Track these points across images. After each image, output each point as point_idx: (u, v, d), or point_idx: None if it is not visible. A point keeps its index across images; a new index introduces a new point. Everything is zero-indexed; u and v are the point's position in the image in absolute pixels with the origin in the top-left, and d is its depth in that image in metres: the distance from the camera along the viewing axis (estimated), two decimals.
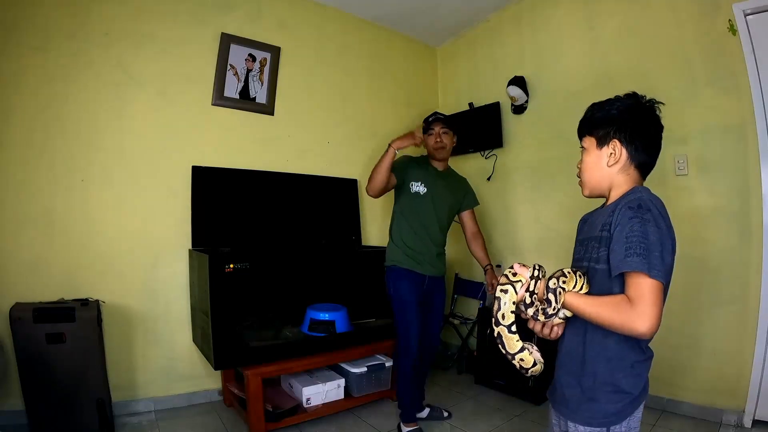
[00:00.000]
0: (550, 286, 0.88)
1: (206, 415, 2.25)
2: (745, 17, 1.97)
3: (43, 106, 2.05)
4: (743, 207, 2.02)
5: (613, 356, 0.91)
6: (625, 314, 0.81)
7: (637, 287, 0.82)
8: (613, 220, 0.90)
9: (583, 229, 1.08)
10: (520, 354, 0.91)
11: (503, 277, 0.91)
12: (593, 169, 1.01)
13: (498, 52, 3.11)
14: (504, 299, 0.89)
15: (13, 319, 1.79)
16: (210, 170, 2.39)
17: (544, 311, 0.88)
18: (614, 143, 0.97)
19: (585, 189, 1.04)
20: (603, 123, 1.00)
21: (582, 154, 1.04)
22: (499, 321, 0.89)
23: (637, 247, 0.83)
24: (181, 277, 2.36)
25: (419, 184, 2.16)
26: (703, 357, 2.11)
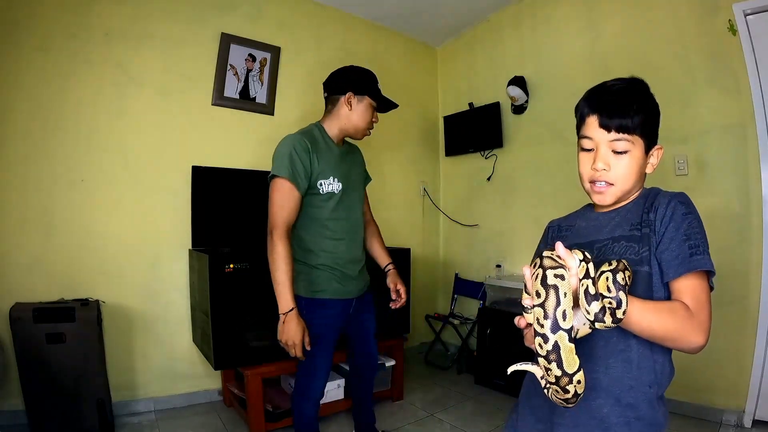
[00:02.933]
0: (619, 281, 0.61)
1: (206, 415, 2.25)
2: (745, 17, 1.97)
3: (43, 106, 2.04)
4: (743, 207, 2.02)
5: (658, 380, 0.77)
6: (684, 324, 0.69)
7: (697, 291, 0.72)
8: (657, 216, 0.77)
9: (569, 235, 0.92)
10: (578, 374, 0.60)
11: (547, 259, 0.62)
12: (637, 175, 0.81)
13: (498, 52, 3.11)
14: (563, 288, 0.59)
15: (13, 319, 1.79)
16: (210, 170, 2.39)
17: (613, 313, 0.61)
18: (660, 150, 0.83)
19: (613, 197, 0.82)
20: (655, 123, 0.82)
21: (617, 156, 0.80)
22: (559, 323, 0.59)
23: (703, 245, 0.73)
24: (181, 277, 2.36)
25: (331, 181, 1.56)
26: (703, 357, 2.09)
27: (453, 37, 3.47)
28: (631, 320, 0.67)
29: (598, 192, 0.83)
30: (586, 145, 0.83)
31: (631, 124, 0.78)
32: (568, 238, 0.91)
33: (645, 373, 0.75)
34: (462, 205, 3.41)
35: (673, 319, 0.69)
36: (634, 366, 0.75)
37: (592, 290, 0.61)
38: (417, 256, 3.09)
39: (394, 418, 2.23)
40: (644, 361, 0.75)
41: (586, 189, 0.86)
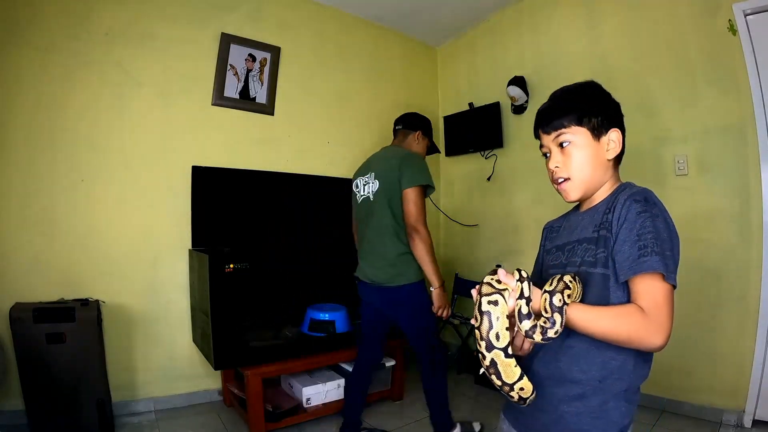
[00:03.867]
0: (555, 303, 0.69)
1: (206, 415, 2.25)
2: (745, 17, 1.97)
3: (44, 106, 2.05)
4: (743, 207, 2.02)
5: (609, 376, 0.76)
6: (639, 327, 0.70)
7: (652, 293, 0.71)
8: (614, 216, 0.77)
9: (556, 236, 0.95)
10: (519, 382, 0.69)
11: (486, 286, 0.69)
12: (593, 165, 0.84)
13: (498, 52, 3.11)
14: (495, 313, 0.67)
15: (13, 319, 1.79)
16: (210, 170, 2.39)
17: (544, 332, 0.68)
18: (615, 133, 0.84)
19: (576, 191, 0.86)
20: (592, 110, 0.84)
21: (564, 150, 0.85)
22: (493, 344, 0.66)
23: (653, 245, 0.71)
24: (181, 277, 2.36)
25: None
26: (703, 357, 2.11)
27: (453, 37, 3.47)
28: (578, 325, 0.71)
29: (561, 189, 0.89)
30: (543, 152, 0.92)
31: (565, 119, 0.85)
32: (557, 238, 0.95)
33: (594, 368, 0.77)
34: (462, 205, 3.41)
35: (627, 323, 0.70)
36: (581, 361, 0.78)
37: (525, 310, 0.69)
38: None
39: (394, 418, 2.23)
40: (591, 357, 0.77)
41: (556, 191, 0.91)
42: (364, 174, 1.98)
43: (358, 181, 2.01)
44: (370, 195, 1.92)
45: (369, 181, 1.93)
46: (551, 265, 0.91)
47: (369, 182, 1.93)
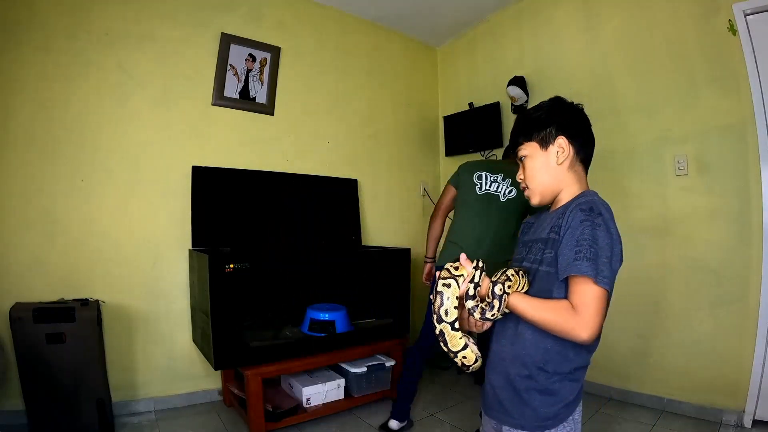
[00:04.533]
0: (496, 291, 0.84)
1: (206, 415, 2.25)
2: (745, 17, 1.97)
3: (44, 106, 2.05)
4: (743, 207, 2.02)
5: (551, 360, 0.88)
6: (568, 320, 0.81)
7: (581, 294, 0.81)
8: (563, 222, 0.88)
9: (527, 231, 1.06)
10: (463, 351, 0.87)
11: (445, 271, 0.87)
12: (543, 172, 0.97)
13: (498, 52, 3.11)
14: (447, 294, 0.85)
15: (13, 319, 1.79)
16: (210, 170, 2.39)
17: (483, 312, 0.84)
18: (561, 140, 0.95)
19: (534, 196, 0.99)
20: (541, 125, 0.97)
21: (523, 164, 1.00)
22: (442, 317, 0.84)
23: (587, 251, 0.81)
24: (181, 277, 2.36)
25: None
26: (703, 357, 2.11)
27: (453, 37, 3.47)
28: (519, 312, 0.86)
29: (525, 195, 1.02)
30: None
31: (520, 137, 1.00)
32: (527, 234, 1.06)
33: (537, 352, 0.89)
34: None
35: (558, 315, 0.82)
36: (527, 345, 0.90)
37: (471, 293, 0.85)
38: (417, 256, 3.08)
39: None
40: (536, 343, 0.89)
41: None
42: (494, 173, 2.08)
43: (483, 175, 2.09)
44: (500, 195, 2.07)
45: (500, 183, 2.08)
46: (515, 258, 1.04)
47: (500, 183, 2.08)
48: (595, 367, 2.62)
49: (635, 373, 2.35)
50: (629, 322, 2.39)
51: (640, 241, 2.35)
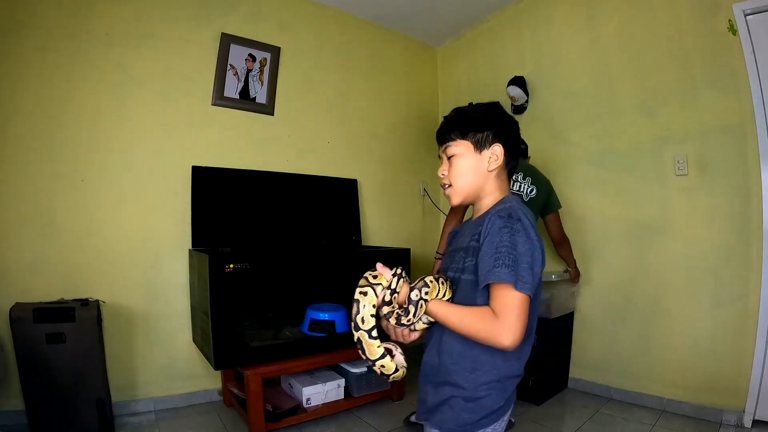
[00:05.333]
0: (412, 297, 0.84)
1: (206, 415, 2.25)
2: (745, 17, 1.97)
3: (44, 106, 2.05)
4: (743, 207, 2.02)
5: (479, 368, 0.87)
6: (489, 326, 0.79)
7: (502, 299, 0.80)
8: (483, 229, 0.87)
9: (452, 240, 1.04)
10: (381, 360, 0.85)
11: (363, 279, 0.86)
12: (472, 174, 0.94)
13: (498, 52, 3.11)
14: (363, 302, 0.83)
15: (13, 319, 1.79)
16: (210, 170, 2.39)
17: (398, 318, 0.84)
18: (497, 147, 0.94)
19: (456, 196, 0.97)
20: (479, 127, 0.94)
21: (451, 159, 0.96)
22: (359, 325, 0.83)
23: (506, 258, 0.81)
24: (181, 277, 2.36)
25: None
26: (703, 357, 2.11)
27: (453, 37, 3.47)
28: (440, 319, 0.86)
29: (446, 194, 0.99)
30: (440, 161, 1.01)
31: (453, 133, 0.95)
32: (451, 244, 1.05)
33: (465, 361, 0.88)
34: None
35: (479, 321, 0.81)
36: (454, 354, 0.89)
37: (387, 299, 0.84)
38: (417, 256, 3.09)
39: (394, 418, 2.23)
40: (464, 353, 0.88)
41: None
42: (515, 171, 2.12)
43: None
44: (523, 195, 2.15)
45: (522, 182, 2.15)
46: (442, 268, 1.04)
47: (522, 182, 2.15)
48: (595, 367, 2.63)
49: (635, 373, 2.35)
50: (629, 322, 2.39)
51: (640, 241, 2.35)
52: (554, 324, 2.44)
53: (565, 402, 2.46)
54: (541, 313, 2.42)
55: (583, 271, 2.57)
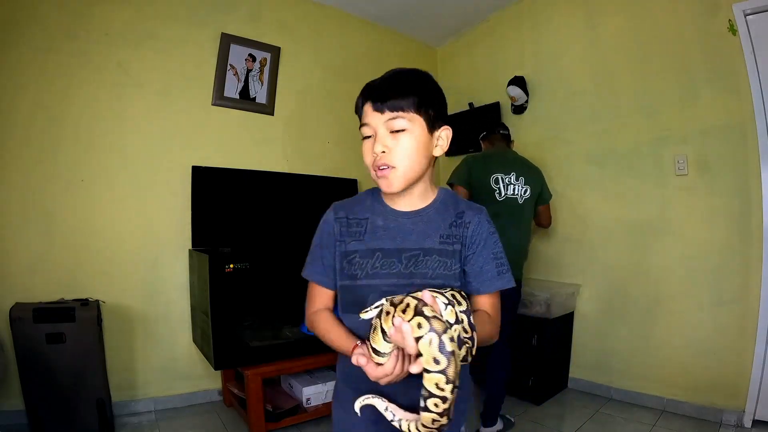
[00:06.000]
0: (473, 322, 0.69)
1: (206, 415, 2.25)
2: (745, 17, 1.97)
3: (44, 106, 2.04)
4: (743, 207, 2.02)
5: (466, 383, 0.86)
6: (491, 330, 0.80)
7: (496, 302, 0.83)
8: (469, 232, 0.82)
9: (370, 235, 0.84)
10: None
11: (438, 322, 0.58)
12: (421, 156, 0.79)
13: (498, 52, 3.11)
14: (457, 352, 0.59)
15: (13, 319, 1.79)
16: (210, 170, 2.39)
17: (470, 351, 0.67)
18: (448, 131, 0.83)
19: (399, 182, 0.79)
20: (437, 103, 0.81)
21: (397, 134, 0.78)
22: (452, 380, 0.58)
23: (505, 263, 0.84)
24: (181, 277, 2.36)
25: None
26: (703, 357, 2.11)
27: (453, 37, 3.47)
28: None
29: (382, 177, 0.80)
30: (366, 132, 0.81)
31: (405, 102, 0.77)
32: (366, 239, 0.84)
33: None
34: None
35: (489, 327, 0.80)
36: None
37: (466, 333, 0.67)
38: None
39: None
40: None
41: (373, 178, 0.82)
42: (506, 173, 2.05)
43: (499, 178, 2.05)
44: (518, 198, 2.06)
45: (515, 184, 2.06)
46: (381, 273, 0.81)
47: (515, 185, 2.06)
48: (595, 367, 2.62)
49: (635, 373, 2.35)
50: (629, 321, 2.39)
51: (640, 241, 2.35)
52: (554, 324, 2.44)
53: (565, 402, 2.46)
54: (542, 313, 2.43)
55: (583, 270, 2.57)
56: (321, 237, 0.90)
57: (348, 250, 0.85)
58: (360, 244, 0.84)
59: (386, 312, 0.64)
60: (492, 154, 2.16)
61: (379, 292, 0.80)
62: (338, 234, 0.87)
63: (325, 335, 0.84)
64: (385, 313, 0.64)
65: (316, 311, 0.88)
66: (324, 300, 0.89)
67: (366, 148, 0.81)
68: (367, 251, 0.83)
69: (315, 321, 0.87)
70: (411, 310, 0.60)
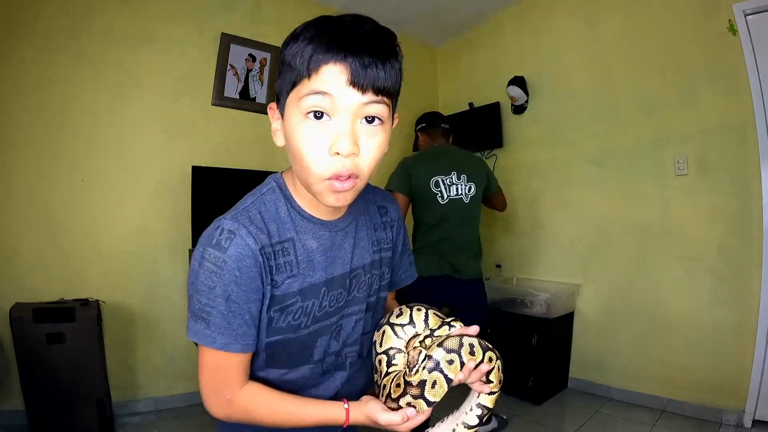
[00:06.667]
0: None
1: (206, 415, 2.21)
2: (745, 17, 1.97)
3: (44, 106, 2.04)
4: (743, 207, 2.02)
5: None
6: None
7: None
8: (394, 232, 0.74)
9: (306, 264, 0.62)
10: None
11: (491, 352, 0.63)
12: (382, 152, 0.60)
13: (498, 52, 3.11)
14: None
15: (13, 319, 1.79)
16: (210, 170, 2.39)
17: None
18: (396, 119, 0.64)
19: (353, 196, 0.59)
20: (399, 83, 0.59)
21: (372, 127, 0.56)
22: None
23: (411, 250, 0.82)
24: (181, 277, 2.36)
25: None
26: (703, 357, 2.11)
27: (453, 37, 3.47)
28: None
29: (340, 191, 0.56)
30: (320, 105, 0.53)
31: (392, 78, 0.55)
32: (304, 272, 0.61)
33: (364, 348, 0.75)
34: None
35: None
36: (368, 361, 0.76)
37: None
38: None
39: None
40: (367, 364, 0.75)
41: (317, 188, 0.57)
42: (446, 174, 1.95)
43: (440, 180, 1.95)
44: (463, 197, 1.97)
45: (457, 183, 1.96)
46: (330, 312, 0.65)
47: (458, 184, 1.96)
48: (595, 367, 2.62)
49: (635, 373, 2.35)
50: (629, 321, 2.39)
51: (640, 241, 2.35)
52: (554, 324, 2.44)
53: (564, 402, 2.46)
54: (542, 313, 2.43)
55: (583, 270, 2.57)
56: (234, 282, 0.57)
57: (280, 293, 0.60)
58: (296, 281, 0.60)
59: (448, 361, 0.57)
60: (430, 154, 2.04)
61: (328, 333, 0.65)
62: (267, 272, 0.59)
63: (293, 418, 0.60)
64: (447, 362, 0.57)
65: (244, 393, 0.61)
66: (246, 369, 0.61)
67: (313, 136, 0.53)
68: (309, 289, 0.61)
69: (253, 406, 0.61)
70: (478, 348, 0.61)
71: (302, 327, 0.62)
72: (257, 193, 0.66)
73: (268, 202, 0.64)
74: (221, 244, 0.58)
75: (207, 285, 0.57)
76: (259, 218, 0.61)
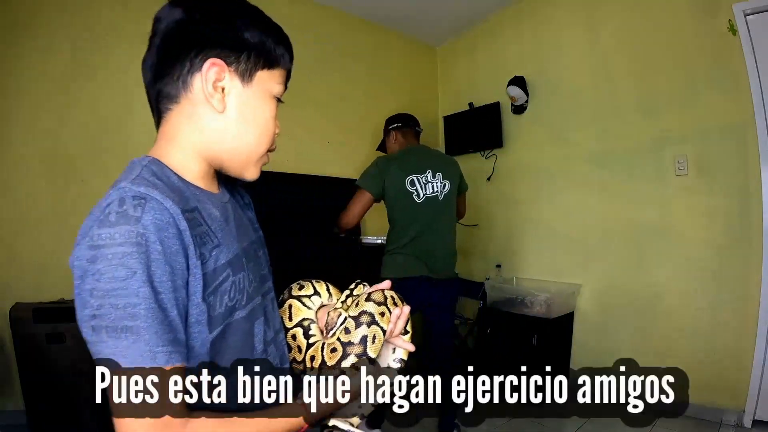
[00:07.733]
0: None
1: None
2: (745, 17, 1.97)
3: (44, 107, 2.04)
4: (743, 207, 2.02)
5: None
6: None
7: None
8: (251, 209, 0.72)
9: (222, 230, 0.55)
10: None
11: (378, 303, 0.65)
12: None
13: (498, 52, 3.11)
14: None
15: (13, 319, 1.79)
16: None
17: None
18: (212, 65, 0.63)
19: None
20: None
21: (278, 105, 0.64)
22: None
23: None
24: None
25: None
26: (703, 357, 2.11)
27: (453, 37, 3.47)
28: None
29: (261, 163, 0.65)
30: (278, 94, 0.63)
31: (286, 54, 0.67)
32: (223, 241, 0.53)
33: None
34: None
35: None
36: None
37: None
38: None
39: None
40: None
41: (257, 159, 0.64)
42: (421, 173, 1.95)
43: (415, 179, 1.95)
44: (438, 194, 1.97)
45: (433, 181, 1.96)
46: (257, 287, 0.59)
47: (433, 182, 1.96)
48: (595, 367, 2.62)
49: None
50: (629, 321, 2.39)
51: (640, 241, 2.35)
52: (554, 324, 2.44)
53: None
54: (542, 313, 2.43)
55: (583, 270, 2.57)
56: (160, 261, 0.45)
57: (210, 270, 0.50)
58: (221, 251, 0.52)
59: (380, 313, 0.62)
60: (405, 154, 2.04)
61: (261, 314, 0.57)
62: (194, 244, 0.48)
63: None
64: (380, 315, 0.62)
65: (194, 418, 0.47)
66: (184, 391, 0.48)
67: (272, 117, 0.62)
68: (236, 260, 0.53)
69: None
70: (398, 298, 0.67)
71: (238, 308, 0.52)
72: (137, 168, 0.56)
73: (157, 173, 0.54)
74: (128, 213, 0.45)
75: (119, 277, 0.42)
76: (162, 184, 0.51)
